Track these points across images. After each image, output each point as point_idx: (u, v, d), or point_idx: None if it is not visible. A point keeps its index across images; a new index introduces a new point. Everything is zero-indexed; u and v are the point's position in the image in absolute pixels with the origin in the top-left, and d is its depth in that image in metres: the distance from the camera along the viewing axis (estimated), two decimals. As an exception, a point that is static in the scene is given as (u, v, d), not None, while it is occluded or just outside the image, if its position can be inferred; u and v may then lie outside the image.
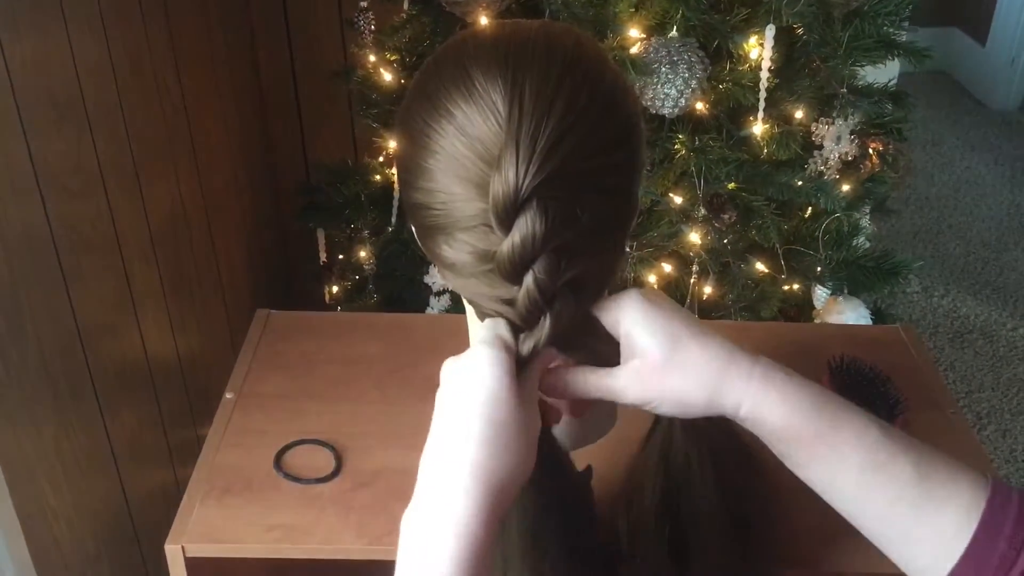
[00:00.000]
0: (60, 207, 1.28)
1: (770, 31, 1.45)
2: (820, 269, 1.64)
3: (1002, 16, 4.01)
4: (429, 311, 1.81)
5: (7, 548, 1.22)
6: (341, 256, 2.00)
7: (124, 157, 1.47)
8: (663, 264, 1.65)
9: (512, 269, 0.60)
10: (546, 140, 0.59)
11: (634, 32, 1.48)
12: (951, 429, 1.08)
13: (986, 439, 2.46)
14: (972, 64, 4.23)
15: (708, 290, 1.65)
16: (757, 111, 1.51)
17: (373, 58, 1.75)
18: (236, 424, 1.07)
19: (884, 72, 1.65)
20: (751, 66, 1.50)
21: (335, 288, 2.02)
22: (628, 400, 0.67)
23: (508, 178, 0.58)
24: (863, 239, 1.77)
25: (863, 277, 1.64)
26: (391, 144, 1.77)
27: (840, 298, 1.64)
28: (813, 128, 1.57)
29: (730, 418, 0.67)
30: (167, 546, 0.94)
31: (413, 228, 0.70)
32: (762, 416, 0.65)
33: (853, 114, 1.55)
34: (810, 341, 1.24)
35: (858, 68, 1.56)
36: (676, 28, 1.46)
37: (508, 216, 0.59)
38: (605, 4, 1.46)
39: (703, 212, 1.55)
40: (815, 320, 1.68)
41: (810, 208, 1.69)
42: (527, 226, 0.58)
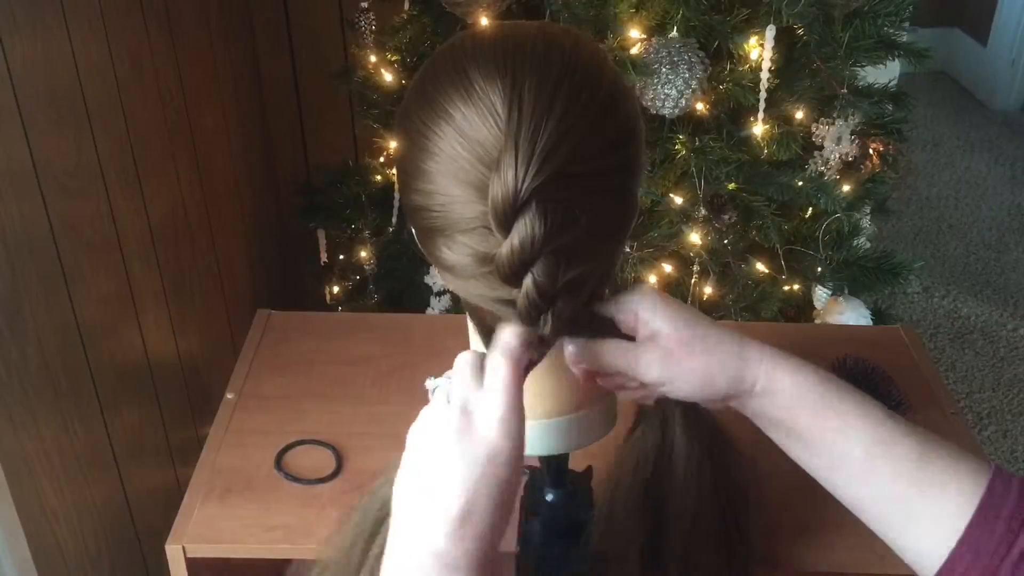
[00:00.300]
0: (60, 206, 1.28)
1: (770, 31, 1.45)
2: (820, 269, 1.64)
3: (1003, 16, 4.01)
4: (429, 311, 1.81)
5: (7, 548, 1.22)
6: (342, 256, 2.00)
7: (125, 157, 1.47)
8: (663, 264, 1.65)
9: (511, 271, 0.60)
10: (545, 142, 0.58)
11: (634, 33, 1.48)
12: (951, 429, 1.08)
13: (986, 439, 2.46)
14: (973, 64, 4.22)
15: (708, 290, 1.65)
16: (757, 111, 1.51)
17: (374, 58, 1.75)
18: (237, 424, 1.07)
19: (884, 72, 1.65)
20: (751, 66, 1.50)
21: (336, 288, 2.02)
22: (649, 377, 0.68)
23: (507, 180, 0.58)
24: (863, 239, 1.77)
25: (863, 277, 1.64)
26: (392, 144, 1.78)
27: (840, 298, 1.64)
28: (813, 128, 1.57)
29: (743, 398, 0.68)
30: (168, 546, 0.94)
31: (413, 230, 0.70)
32: (776, 388, 0.67)
33: (853, 114, 1.55)
34: (810, 341, 1.24)
35: (858, 68, 1.56)
36: (676, 28, 1.46)
37: (507, 218, 0.59)
38: (605, 4, 1.46)
39: (703, 212, 1.55)
40: (815, 320, 1.68)
41: (810, 208, 1.68)
42: (526, 228, 0.58)
